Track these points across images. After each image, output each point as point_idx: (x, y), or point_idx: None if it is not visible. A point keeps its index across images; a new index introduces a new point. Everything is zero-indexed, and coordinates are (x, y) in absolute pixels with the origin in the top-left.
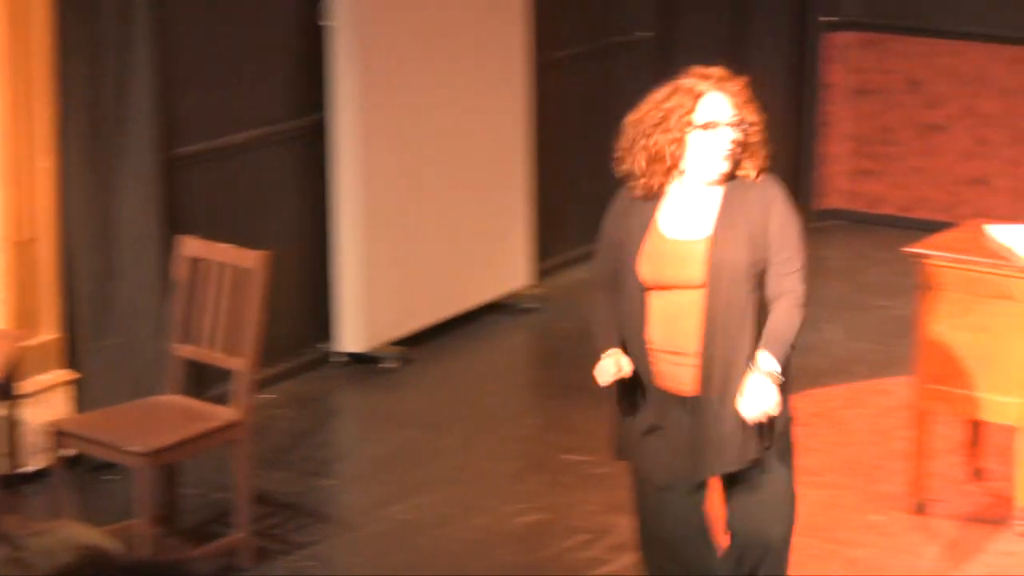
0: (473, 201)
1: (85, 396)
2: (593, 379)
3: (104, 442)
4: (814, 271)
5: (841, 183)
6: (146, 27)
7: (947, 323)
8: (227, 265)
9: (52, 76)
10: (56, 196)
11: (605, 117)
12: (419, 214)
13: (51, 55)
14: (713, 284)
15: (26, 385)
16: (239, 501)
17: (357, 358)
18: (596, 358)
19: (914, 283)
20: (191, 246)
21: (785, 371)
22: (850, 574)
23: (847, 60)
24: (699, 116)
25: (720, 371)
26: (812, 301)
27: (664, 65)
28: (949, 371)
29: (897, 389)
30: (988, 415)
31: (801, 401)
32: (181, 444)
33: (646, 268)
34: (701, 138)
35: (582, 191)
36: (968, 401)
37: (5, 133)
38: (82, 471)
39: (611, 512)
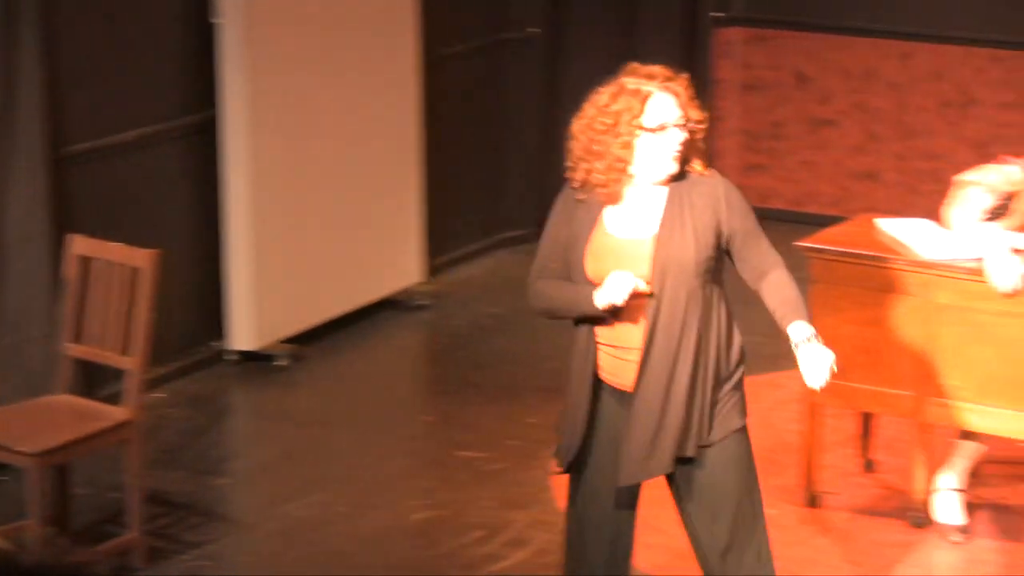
0: (364, 198)
1: None
2: (491, 373)
3: None
4: None
5: (731, 178)
6: (33, 24)
7: (838, 317)
8: (117, 264)
9: None
10: None
11: (494, 114)
12: (310, 211)
13: None
14: (658, 282)
15: None
16: (131, 501)
17: (250, 356)
18: (583, 312)
19: (805, 277)
20: (81, 245)
21: (739, 365)
22: None
23: (736, 56)
24: (648, 119)
25: (662, 369)
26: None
27: (554, 61)
28: (840, 364)
29: (789, 383)
30: (879, 408)
31: None
32: (72, 444)
33: (592, 266)
34: (650, 141)
35: (472, 188)
36: (859, 394)
37: None
38: None
39: (506, 508)
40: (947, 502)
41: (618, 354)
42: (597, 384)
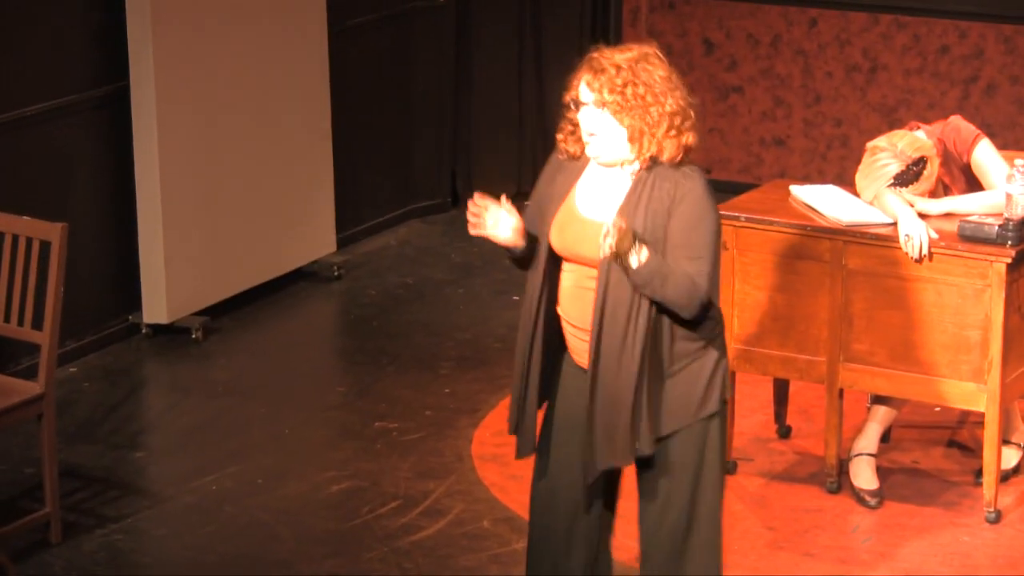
0: (275, 169)
1: None
2: (405, 345)
3: None
4: None
5: None
6: None
7: (750, 283)
8: (26, 238)
9: None
10: None
11: (404, 83)
12: (221, 183)
13: None
14: (604, 265)
15: None
16: (46, 476)
17: (163, 329)
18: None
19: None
20: None
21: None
22: None
23: (643, 23)
24: (576, 94)
25: (612, 353)
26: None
27: (462, 30)
28: (754, 331)
29: None
30: (792, 374)
31: None
32: None
33: (556, 238)
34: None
35: (381, 158)
36: (772, 360)
37: None
38: None
39: (423, 478)
40: (860, 467)
41: (575, 333)
42: (558, 358)
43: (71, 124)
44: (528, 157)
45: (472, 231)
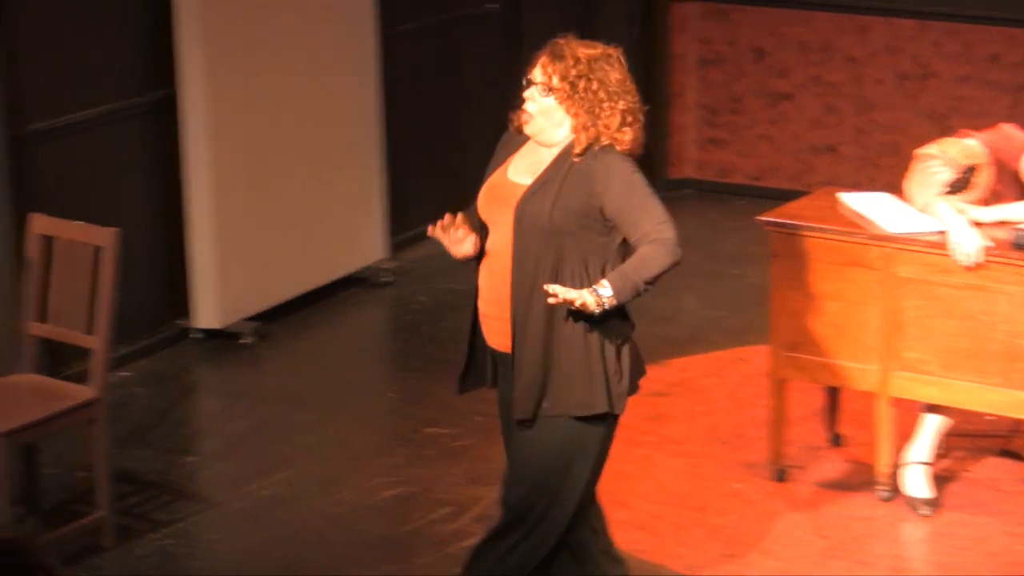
0: (326, 175)
1: None
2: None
3: None
4: None
5: (691, 153)
6: None
7: (801, 291)
8: (79, 243)
9: None
10: None
11: (454, 89)
12: (272, 189)
13: None
14: (516, 231)
15: None
16: (99, 480)
17: (215, 334)
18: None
19: (769, 251)
20: (42, 224)
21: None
22: (713, 542)
23: (693, 31)
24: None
25: (520, 319)
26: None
27: (512, 36)
28: (805, 339)
29: (755, 357)
30: (845, 382)
31: (660, 371)
32: (39, 423)
33: (482, 198)
34: None
35: (431, 164)
36: (825, 368)
37: None
38: None
39: (474, 484)
40: (914, 475)
41: (490, 312)
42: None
43: (123, 129)
44: None
45: (431, 232)
